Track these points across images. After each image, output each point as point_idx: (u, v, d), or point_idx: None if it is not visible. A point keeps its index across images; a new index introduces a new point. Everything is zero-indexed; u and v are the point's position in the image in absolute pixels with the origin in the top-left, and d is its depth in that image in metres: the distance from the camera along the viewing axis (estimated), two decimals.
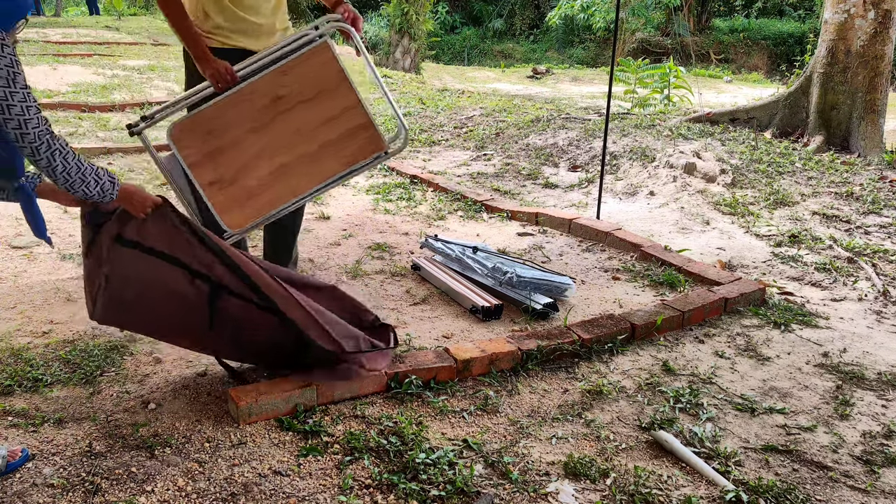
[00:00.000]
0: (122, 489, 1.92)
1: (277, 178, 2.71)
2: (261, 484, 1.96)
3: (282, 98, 2.68)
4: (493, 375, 2.59)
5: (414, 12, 15.07)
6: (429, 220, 4.49)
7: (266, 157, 2.69)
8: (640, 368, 2.72)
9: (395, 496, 1.94)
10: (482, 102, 8.77)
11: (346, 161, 2.73)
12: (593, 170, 5.62)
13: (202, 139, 2.64)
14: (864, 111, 6.25)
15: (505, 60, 19.26)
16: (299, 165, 2.71)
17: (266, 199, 2.72)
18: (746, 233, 4.36)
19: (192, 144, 2.64)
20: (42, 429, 2.17)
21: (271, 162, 2.69)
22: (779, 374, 2.73)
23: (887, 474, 2.15)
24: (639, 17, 17.21)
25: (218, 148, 2.66)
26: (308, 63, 2.68)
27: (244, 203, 2.70)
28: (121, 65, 9.83)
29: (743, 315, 3.22)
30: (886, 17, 6.13)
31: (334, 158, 2.72)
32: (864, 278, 3.70)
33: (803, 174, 5.42)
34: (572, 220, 4.29)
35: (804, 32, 17.89)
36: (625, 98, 8.97)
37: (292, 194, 2.74)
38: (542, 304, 3.10)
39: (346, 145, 2.72)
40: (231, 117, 2.66)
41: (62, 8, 19.67)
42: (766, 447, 2.25)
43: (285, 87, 2.68)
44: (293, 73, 2.68)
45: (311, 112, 2.70)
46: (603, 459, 2.15)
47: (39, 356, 2.59)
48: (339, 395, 2.37)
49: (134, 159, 5.57)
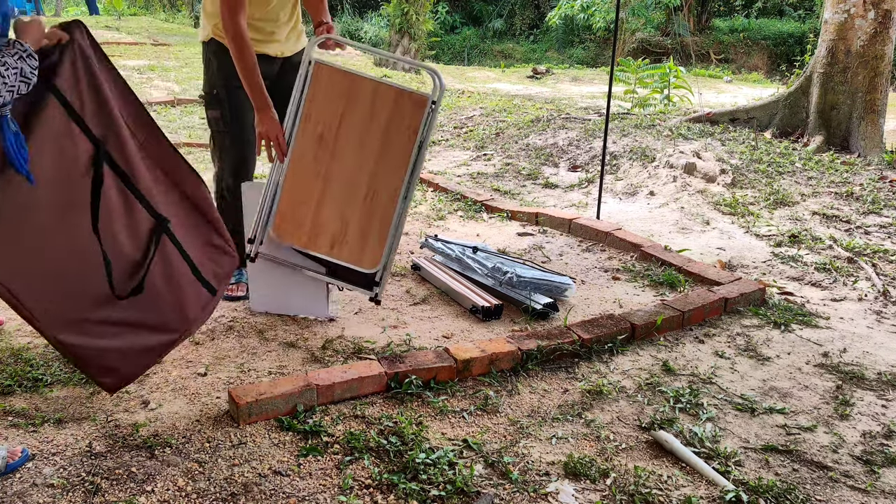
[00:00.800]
0: (122, 489, 1.92)
1: (371, 202, 2.79)
2: (261, 484, 1.97)
3: (323, 135, 2.75)
4: (493, 375, 2.59)
5: (414, 12, 15.07)
6: (429, 220, 4.49)
7: (353, 192, 2.79)
8: (640, 368, 2.72)
9: (395, 496, 1.94)
10: (482, 102, 8.77)
11: (410, 132, 2.75)
12: (593, 170, 5.62)
13: (300, 218, 2.79)
14: (864, 111, 6.25)
15: (505, 60, 19.26)
16: (383, 170, 2.77)
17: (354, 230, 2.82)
18: (746, 233, 4.36)
19: (295, 227, 2.80)
20: (42, 429, 2.17)
21: (362, 190, 2.78)
22: (779, 374, 2.73)
23: (887, 474, 2.15)
24: (639, 17, 17.20)
25: (315, 216, 2.79)
26: (318, 92, 2.73)
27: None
28: (121, 65, 9.83)
29: (743, 315, 3.22)
30: (886, 17, 6.13)
31: (400, 139, 2.75)
32: (864, 278, 3.70)
33: (803, 174, 5.42)
34: (572, 220, 4.29)
35: (804, 32, 17.88)
36: (625, 98, 8.96)
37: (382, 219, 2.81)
38: (542, 304, 3.10)
39: (399, 122, 2.74)
40: (301, 185, 2.77)
41: (62, 8, 19.65)
42: (766, 447, 2.25)
43: (318, 124, 2.74)
44: (315, 110, 2.74)
45: (354, 121, 2.75)
46: (603, 459, 2.15)
47: (39, 356, 2.59)
48: (340, 395, 2.37)
49: None
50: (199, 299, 2.32)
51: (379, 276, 2.84)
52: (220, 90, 2.95)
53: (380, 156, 2.76)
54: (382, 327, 2.97)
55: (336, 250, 2.80)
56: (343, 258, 2.80)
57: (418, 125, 2.74)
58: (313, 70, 2.72)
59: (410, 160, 2.76)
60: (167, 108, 7.56)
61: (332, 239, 2.80)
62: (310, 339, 2.83)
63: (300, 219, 2.80)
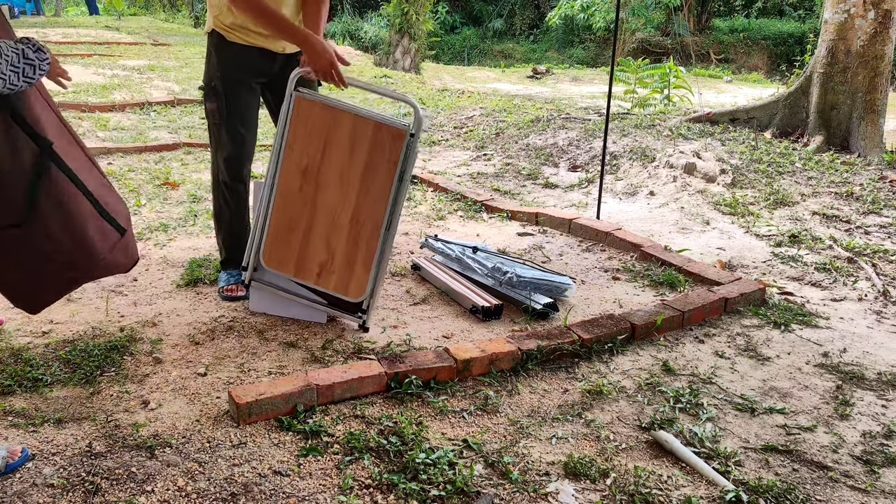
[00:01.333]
0: (122, 489, 1.92)
1: (357, 232, 2.81)
2: (261, 484, 1.97)
3: (307, 168, 2.77)
4: (493, 375, 2.59)
5: (414, 12, 15.07)
6: (429, 220, 4.49)
7: (339, 222, 2.81)
8: (640, 368, 2.72)
9: (395, 496, 1.94)
10: (482, 102, 8.77)
11: (390, 165, 2.76)
12: (593, 170, 5.62)
13: (288, 246, 2.83)
14: (864, 111, 6.26)
15: (505, 60, 19.26)
16: (366, 202, 2.79)
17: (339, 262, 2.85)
18: (746, 233, 4.36)
19: (284, 255, 2.83)
20: (42, 429, 2.17)
21: (347, 221, 2.80)
22: (779, 374, 2.73)
23: (887, 474, 2.15)
24: (639, 17, 17.21)
25: (303, 246, 2.82)
26: (300, 125, 2.76)
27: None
28: (121, 65, 9.84)
29: (743, 315, 3.22)
30: (886, 17, 6.13)
31: (380, 171, 2.77)
32: (864, 278, 3.70)
33: (803, 174, 5.42)
34: (572, 220, 4.29)
35: (804, 32, 17.89)
36: (625, 98, 8.97)
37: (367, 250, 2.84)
38: (542, 304, 3.10)
39: (379, 154, 2.76)
40: (289, 213, 2.80)
41: (62, 8, 19.67)
42: (766, 447, 2.25)
43: (303, 157, 2.77)
44: (297, 142, 2.76)
45: (335, 155, 2.76)
46: (603, 459, 2.15)
47: (39, 356, 2.59)
48: (340, 395, 2.37)
49: (134, 159, 5.57)
50: (106, 237, 2.16)
51: (366, 304, 2.86)
52: (217, 83, 2.94)
53: (362, 188, 2.78)
54: (382, 327, 2.97)
55: (323, 279, 2.83)
56: (330, 287, 2.83)
57: (398, 157, 2.75)
58: (294, 103, 2.74)
59: (391, 191, 2.77)
60: (167, 108, 7.56)
61: (320, 268, 2.82)
62: (310, 339, 2.83)
63: (288, 247, 2.82)
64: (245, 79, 2.97)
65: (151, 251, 3.72)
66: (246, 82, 2.97)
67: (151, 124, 6.84)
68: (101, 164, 5.34)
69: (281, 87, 2.89)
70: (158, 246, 3.80)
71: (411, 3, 15.06)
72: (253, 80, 3.00)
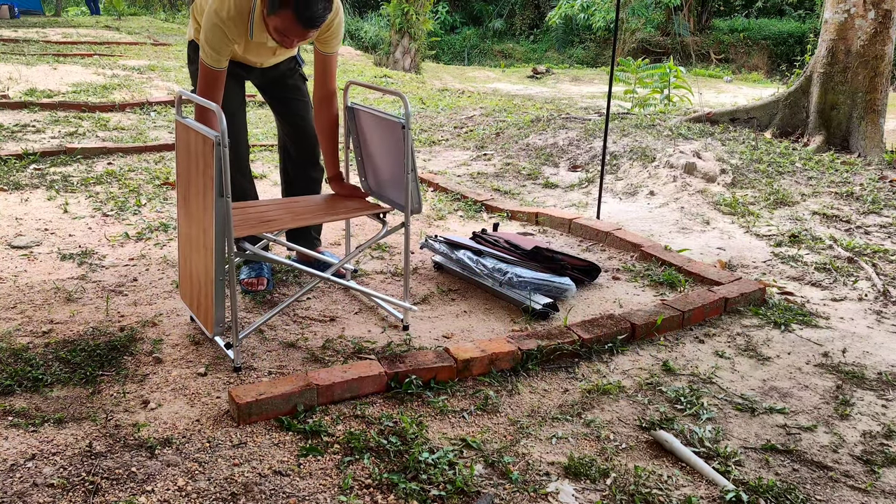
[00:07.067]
0: (122, 489, 1.92)
1: (205, 258, 2.57)
2: (261, 484, 1.97)
3: (185, 195, 2.70)
4: (493, 375, 2.59)
5: (414, 12, 15.07)
6: (429, 220, 4.49)
7: (198, 249, 2.64)
8: (641, 368, 2.72)
9: (395, 496, 1.94)
10: (482, 102, 8.77)
11: (206, 179, 2.44)
12: (593, 170, 5.62)
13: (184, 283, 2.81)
14: (864, 111, 6.26)
15: (505, 60, 19.26)
16: (205, 223, 2.54)
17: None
18: (746, 233, 4.36)
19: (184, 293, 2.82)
20: (42, 429, 2.17)
21: (202, 247, 2.61)
22: (779, 374, 2.73)
23: (887, 474, 2.15)
24: (639, 16, 17.21)
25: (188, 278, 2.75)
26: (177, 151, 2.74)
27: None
28: (121, 65, 9.84)
29: (743, 315, 3.22)
30: (886, 17, 6.13)
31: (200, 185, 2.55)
32: (864, 278, 3.70)
33: (803, 174, 5.42)
34: (572, 219, 4.29)
35: (804, 32, 17.89)
36: (625, 98, 8.97)
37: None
38: (542, 304, 3.10)
39: (203, 167, 2.48)
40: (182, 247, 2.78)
41: (62, 8, 19.66)
42: (766, 447, 2.25)
43: (181, 184, 2.72)
44: (178, 170, 2.74)
45: (189, 175, 2.61)
46: (603, 459, 2.15)
47: (39, 356, 2.59)
48: (340, 395, 2.37)
49: (134, 159, 5.57)
50: None
51: (232, 340, 2.58)
52: None
53: (202, 206, 2.50)
54: (382, 327, 2.97)
55: (198, 312, 2.67)
56: (201, 320, 2.65)
57: (211, 169, 2.36)
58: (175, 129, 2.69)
59: (211, 205, 2.38)
60: (167, 107, 7.56)
61: (196, 301, 2.67)
62: (310, 339, 2.83)
63: (184, 281, 2.79)
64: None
65: (151, 251, 3.72)
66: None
67: (151, 124, 6.84)
68: (101, 163, 5.34)
69: (267, 83, 3.19)
70: (158, 246, 3.80)
71: (411, 3, 15.06)
72: (233, 72, 3.07)
